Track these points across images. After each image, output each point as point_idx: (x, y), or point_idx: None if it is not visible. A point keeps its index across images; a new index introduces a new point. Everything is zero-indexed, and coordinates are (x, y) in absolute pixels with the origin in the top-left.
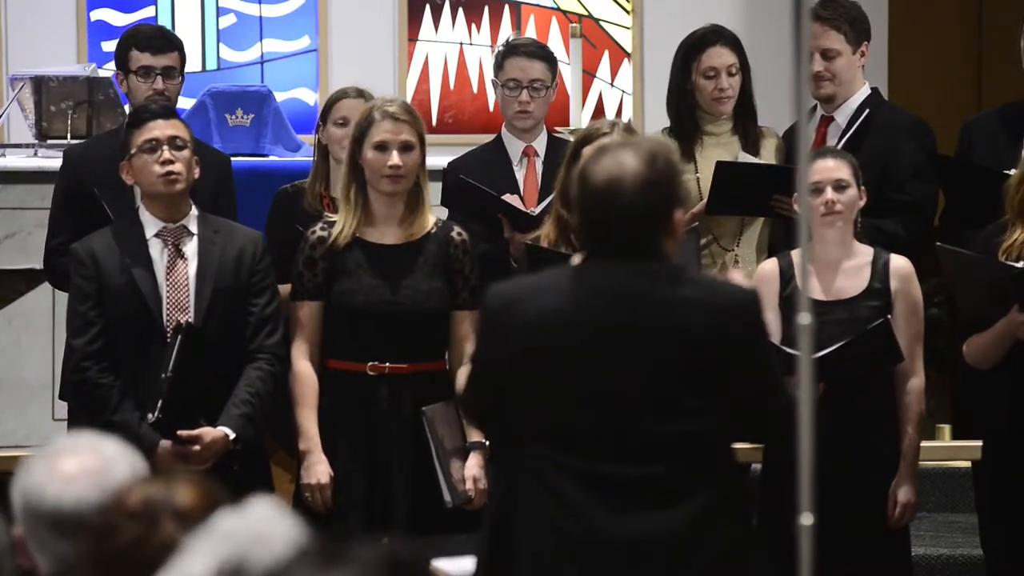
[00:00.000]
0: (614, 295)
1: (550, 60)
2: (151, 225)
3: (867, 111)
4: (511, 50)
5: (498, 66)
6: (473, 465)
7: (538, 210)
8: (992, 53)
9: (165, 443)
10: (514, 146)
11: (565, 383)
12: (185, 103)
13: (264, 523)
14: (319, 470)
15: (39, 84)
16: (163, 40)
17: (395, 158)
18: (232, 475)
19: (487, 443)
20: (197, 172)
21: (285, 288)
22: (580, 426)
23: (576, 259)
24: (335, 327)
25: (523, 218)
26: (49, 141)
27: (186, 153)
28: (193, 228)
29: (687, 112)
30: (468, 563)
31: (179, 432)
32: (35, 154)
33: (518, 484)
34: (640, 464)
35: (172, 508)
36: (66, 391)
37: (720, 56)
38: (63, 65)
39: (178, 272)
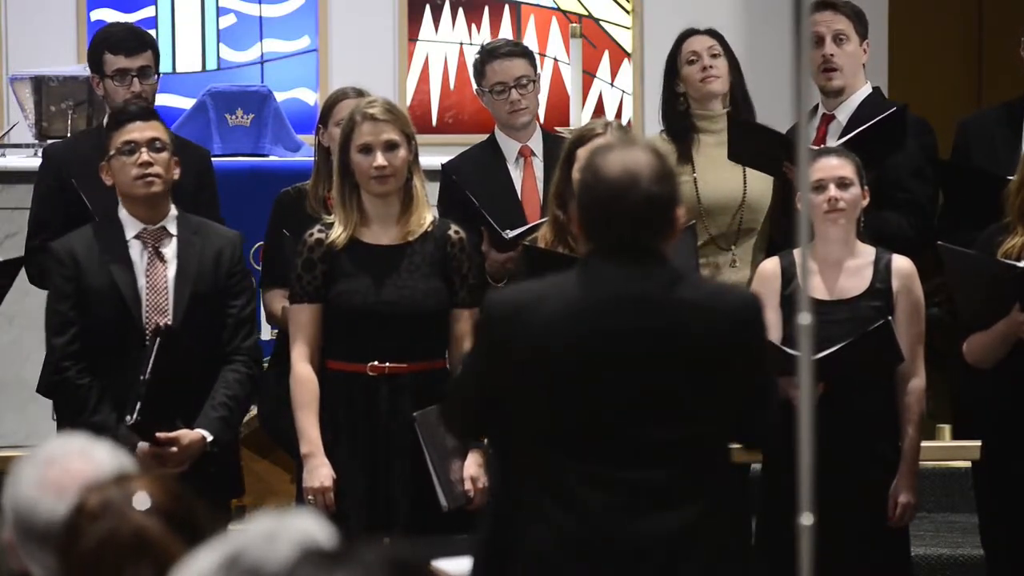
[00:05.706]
0: (619, 300)
1: (528, 55)
2: (131, 226)
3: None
4: (488, 55)
5: (479, 74)
6: (472, 464)
7: (513, 234)
8: (992, 53)
9: (143, 445)
10: (509, 146)
11: (571, 389)
12: (185, 103)
13: (277, 523)
14: (322, 473)
15: (39, 84)
16: (136, 40)
17: (379, 159)
18: (208, 476)
19: (485, 442)
20: (177, 173)
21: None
22: (584, 431)
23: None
24: (334, 328)
25: (499, 238)
26: (49, 141)
27: (165, 155)
28: (172, 229)
29: (681, 113)
30: (468, 563)
31: (157, 434)
32: (35, 154)
33: (519, 486)
34: (643, 468)
35: (133, 504)
36: (44, 387)
37: (699, 41)
38: (63, 65)
39: (157, 274)
